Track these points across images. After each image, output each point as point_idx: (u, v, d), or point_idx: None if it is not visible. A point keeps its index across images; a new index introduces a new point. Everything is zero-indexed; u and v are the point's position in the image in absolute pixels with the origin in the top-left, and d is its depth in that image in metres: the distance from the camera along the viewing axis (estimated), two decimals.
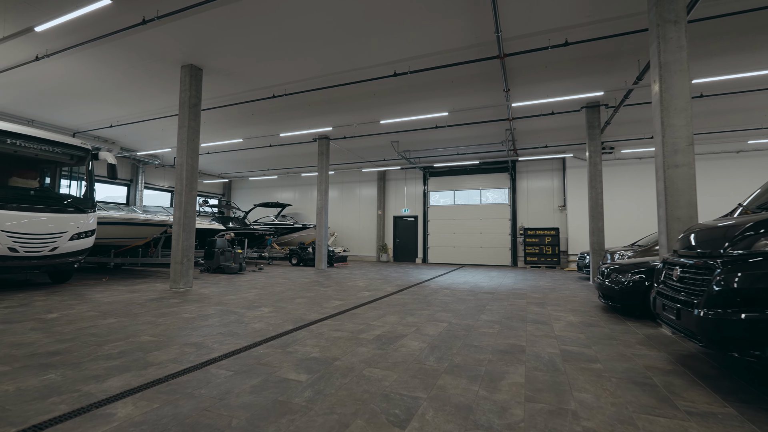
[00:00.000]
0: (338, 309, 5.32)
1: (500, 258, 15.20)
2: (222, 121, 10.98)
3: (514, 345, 3.61)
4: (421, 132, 11.66)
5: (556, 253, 13.79)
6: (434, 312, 5.21)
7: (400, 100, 9.20)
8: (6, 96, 9.20)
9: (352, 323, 4.44)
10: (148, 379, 2.62)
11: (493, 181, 15.69)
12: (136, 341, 3.54)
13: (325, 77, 7.94)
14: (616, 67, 7.33)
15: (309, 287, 7.60)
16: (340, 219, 18.31)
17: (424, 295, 6.84)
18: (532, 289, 7.94)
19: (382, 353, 3.29)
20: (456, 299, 6.37)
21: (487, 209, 15.63)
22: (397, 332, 4.04)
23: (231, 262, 10.34)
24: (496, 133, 11.81)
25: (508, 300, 6.38)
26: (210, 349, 3.34)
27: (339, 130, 11.60)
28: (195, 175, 7.44)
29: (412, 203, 17.05)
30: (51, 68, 7.68)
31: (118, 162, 15.43)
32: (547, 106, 9.30)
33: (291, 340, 3.66)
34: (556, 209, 14.53)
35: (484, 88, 8.37)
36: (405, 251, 17.03)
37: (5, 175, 7.46)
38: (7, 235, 6.20)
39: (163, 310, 5.00)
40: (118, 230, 9.30)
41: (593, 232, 9.10)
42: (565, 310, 5.47)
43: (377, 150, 14.12)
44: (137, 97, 9.22)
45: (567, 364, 3.07)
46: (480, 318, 4.84)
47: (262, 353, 3.24)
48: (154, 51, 6.91)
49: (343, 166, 17.24)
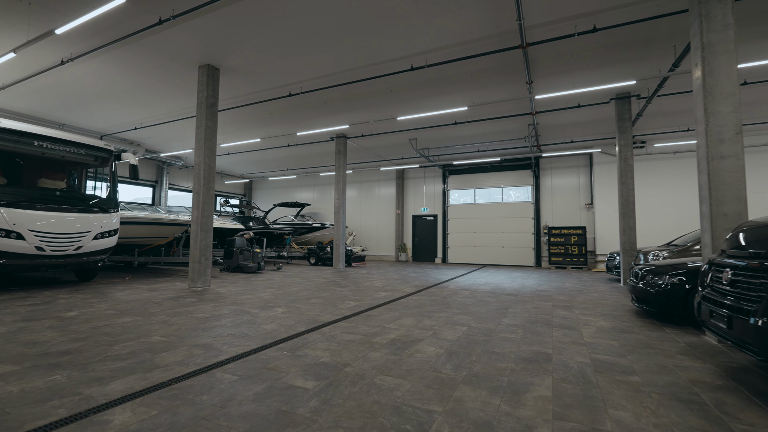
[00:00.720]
0: (353, 310, 5.17)
1: (523, 258, 14.69)
2: (240, 122, 11.07)
3: (540, 352, 3.33)
4: (440, 129, 11.38)
5: (583, 253, 13.19)
6: (453, 315, 4.97)
7: (417, 96, 8.97)
8: (37, 101, 9.56)
9: (367, 325, 4.27)
10: (152, 382, 2.53)
11: (515, 178, 15.19)
12: (147, 341, 3.48)
13: (341, 74, 7.81)
14: (649, 53, 6.85)
15: (325, 287, 7.49)
16: (359, 218, 18.22)
17: (442, 296, 6.59)
18: (557, 290, 7.54)
19: (395, 359, 3.09)
20: (476, 301, 6.10)
21: (509, 208, 15.15)
22: (412, 336, 3.83)
23: (250, 262, 10.39)
24: (518, 129, 11.38)
25: (531, 302, 6.05)
26: (218, 351, 3.24)
27: (356, 128, 11.47)
28: (212, 175, 7.47)
29: (431, 202, 16.76)
30: (76, 72, 7.89)
31: (143, 164, 15.94)
32: (573, 98, 8.84)
33: (302, 343, 3.51)
34: (583, 207, 13.91)
35: (505, 81, 8.03)
36: (424, 251, 16.76)
37: (33, 176, 7.73)
38: (34, 235, 6.38)
39: (178, 310, 4.98)
40: (141, 230, 9.50)
41: (624, 231, 8.57)
42: (595, 314, 5.11)
43: (395, 148, 13.92)
44: (158, 99, 9.38)
45: (599, 375, 2.79)
46: (502, 322, 4.57)
47: (271, 356, 3.11)
48: (171, 52, 6.97)
49: (361, 165, 17.13)
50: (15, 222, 6.17)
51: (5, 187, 6.43)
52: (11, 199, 6.22)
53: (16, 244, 6.18)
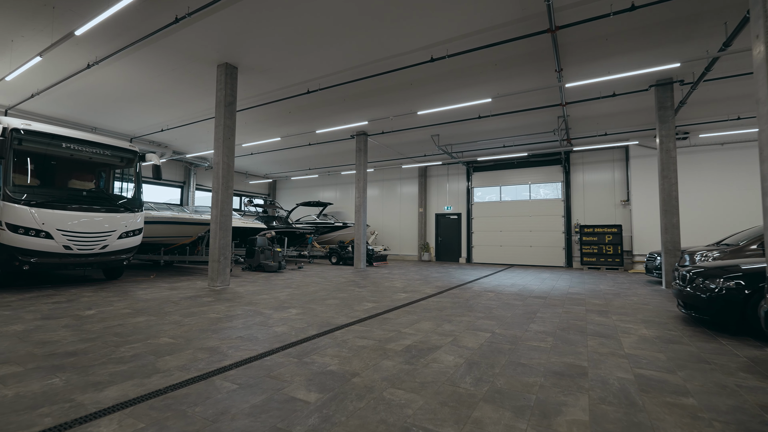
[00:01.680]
0: (369, 312, 4.93)
1: (553, 258, 13.98)
2: (262, 121, 11.09)
3: (573, 365, 2.96)
4: (463, 123, 10.96)
5: (618, 253, 12.36)
6: (475, 319, 4.63)
7: (438, 89, 8.62)
8: (70, 105, 9.94)
9: (382, 330, 4.02)
10: (148, 389, 2.38)
11: (543, 174, 14.49)
12: (154, 343, 3.38)
13: (359, 68, 7.59)
14: (695, 32, 6.20)
15: (344, 287, 7.30)
16: (381, 217, 18.00)
17: (465, 298, 6.24)
18: (591, 293, 7.00)
19: (409, 369, 2.82)
20: (501, 304, 5.71)
21: (538, 205, 14.46)
22: (430, 342, 3.54)
23: (270, 261, 10.39)
24: (546, 122, 10.78)
25: (563, 306, 5.60)
26: (223, 355, 3.09)
27: (377, 125, 11.25)
28: (231, 174, 7.45)
29: (454, 200, 16.29)
30: (102, 76, 8.10)
31: (171, 165, 16.41)
32: (607, 86, 8.21)
33: (311, 348, 3.31)
34: (618, 204, 13.05)
35: (532, 70, 7.55)
36: (448, 250, 16.32)
37: (60, 177, 7.98)
38: (62, 234, 6.56)
39: (193, 309, 4.92)
40: (166, 229, 9.68)
41: (666, 229, 7.88)
42: (636, 321, 4.62)
43: (417, 145, 13.59)
44: (181, 100, 9.52)
45: (646, 396, 2.40)
46: (529, 328, 4.19)
47: (276, 363, 2.91)
48: (190, 51, 6.98)
49: (383, 164, 16.91)
50: (44, 222, 6.35)
51: (35, 188, 6.65)
52: (40, 200, 6.42)
53: (45, 243, 6.36)
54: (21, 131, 6.54)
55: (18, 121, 6.57)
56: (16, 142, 6.50)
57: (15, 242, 6.14)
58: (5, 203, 6.16)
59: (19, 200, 6.22)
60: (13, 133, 6.43)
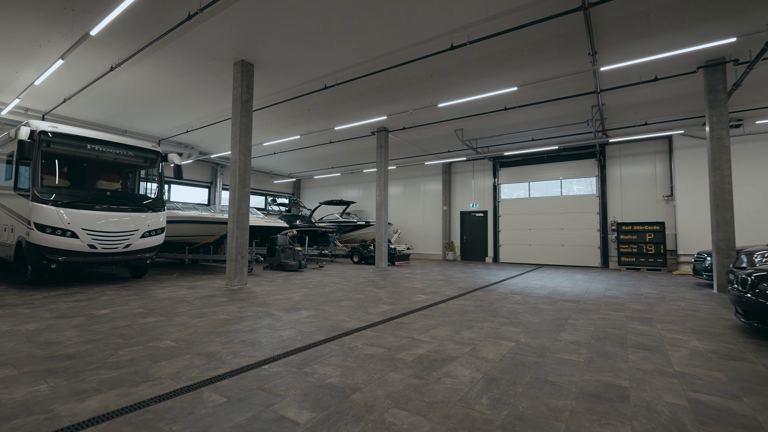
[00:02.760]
0: (384, 316, 4.64)
1: (587, 258, 13.13)
2: (283, 119, 11.05)
3: (611, 385, 2.54)
4: (488, 116, 10.43)
5: (661, 252, 11.40)
6: (498, 325, 4.23)
7: (459, 80, 8.19)
8: (100, 109, 10.29)
9: (394, 336, 3.71)
10: (131, 400, 2.20)
11: (576, 169, 13.63)
12: (155, 346, 3.25)
13: (376, 60, 7.30)
14: (753, 3, 5.45)
15: (361, 288, 7.05)
16: (404, 215, 17.66)
17: (489, 301, 5.82)
18: (631, 297, 6.37)
19: (418, 385, 2.50)
20: (529, 308, 5.25)
21: (570, 202, 13.63)
22: (445, 352, 3.20)
23: (291, 260, 10.33)
24: (579, 112, 10.06)
25: (598, 312, 5.07)
26: (220, 362, 2.89)
27: (397, 121, 10.93)
28: (248, 172, 7.38)
29: (480, 197, 15.69)
30: (126, 79, 8.26)
31: (199, 166, 16.81)
32: (648, 69, 7.48)
33: (314, 356, 3.06)
34: (660, 200, 12.05)
35: (562, 55, 6.97)
36: (473, 249, 15.75)
37: (85, 178, 8.20)
38: (87, 233, 6.70)
39: (204, 310, 4.82)
40: (189, 228, 9.82)
41: (718, 226, 7.07)
42: (685, 331, 4.06)
43: (440, 141, 13.14)
44: (202, 101, 9.60)
45: (706, 430, 1.96)
46: (559, 337, 3.75)
47: (273, 373, 2.68)
48: (207, 49, 6.95)
49: (405, 161, 16.57)
50: (70, 221, 6.50)
51: (61, 189, 6.83)
52: (66, 200, 6.57)
53: (70, 242, 6.51)
54: (48, 134, 6.73)
55: (45, 123, 6.77)
56: (44, 144, 6.70)
57: (43, 241, 6.32)
58: (34, 204, 6.35)
59: (46, 201, 6.40)
60: (41, 135, 6.63)
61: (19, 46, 6.84)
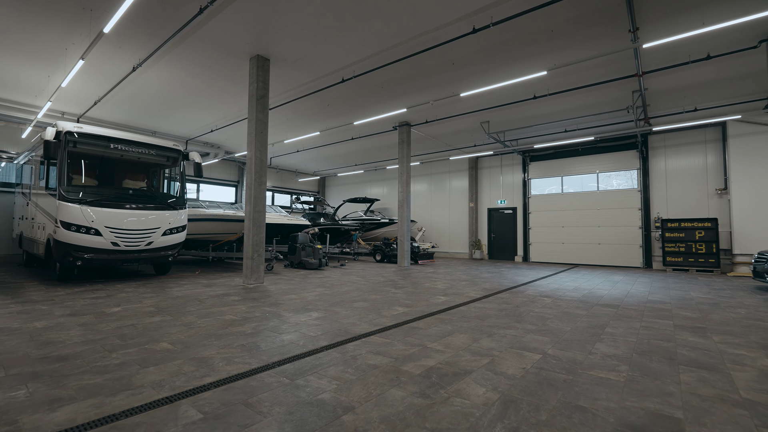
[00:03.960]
0: (397, 320, 4.31)
1: (627, 257, 12.14)
2: (302, 116, 10.94)
3: (660, 415, 2.08)
4: (516, 107, 9.80)
5: (713, 252, 10.31)
6: (523, 333, 3.78)
7: (482, 68, 7.67)
8: (128, 110, 10.59)
9: (404, 343, 3.37)
10: (102, 413, 2.01)
11: (615, 161, 12.64)
12: (150, 349, 3.10)
13: (394, 49, 6.95)
14: None
15: (379, 288, 6.75)
16: (429, 213, 17.19)
17: (515, 304, 5.34)
18: (679, 302, 5.67)
19: (421, 405, 2.16)
20: (560, 314, 4.74)
21: (608, 197, 12.67)
22: (459, 364, 2.83)
23: (311, 258, 10.20)
24: (617, 98, 9.23)
25: (641, 319, 4.48)
26: (211, 369, 2.68)
27: (418, 114, 10.52)
28: (264, 169, 7.26)
29: (509, 193, 14.96)
30: (149, 79, 8.39)
31: (225, 165, 17.13)
32: (699, 45, 6.66)
33: (311, 365, 2.78)
34: (712, 194, 10.90)
35: (597, 34, 6.32)
36: (502, 248, 15.05)
37: (108, 177, 8.40)
38: (110, 231, 6.82)
39: (213, 309, 4.69)
40: (211, 226, 9.91)
41: None
42: (749, 345, 3.45)
43: (465, 134, 12.58)
44: (222, 99, 9.63)
45: None
46: (595, 349, 3.27)
47: (262, 384, 2.42)
48: (221, 45, 6.87)
49: (429, 156, 16.09)
50: (93, 219, 6.63)
51: (86, 188, 6.99)
52: (90, 199, 6.70)
53: (94, 239, 6.64)
54: (74, 134, 6.90)
55: (70, 124, 6.94)
56: (70, 144, 6.87)
57: (68, 239, 6.47)
58: (60, 202, 6.52)
59: (71, 199, 6.55)
60: (67, 135, 6.80)
61: (46, 50, 7.05)
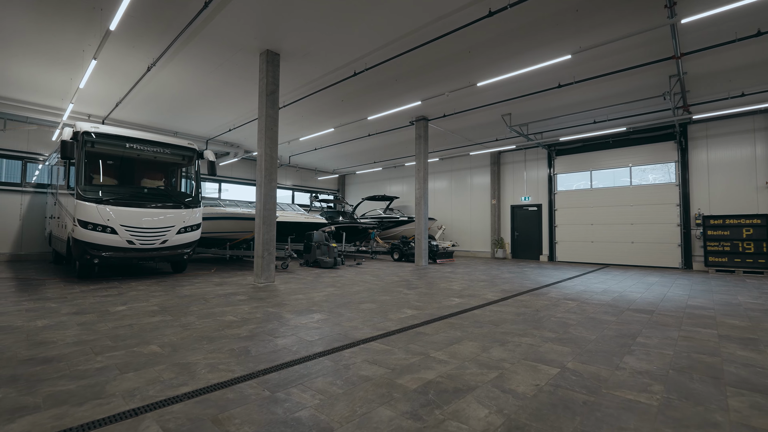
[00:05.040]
0: (403, 323, 4.01)
1: (663, 257, 11.26)
2: (317, 113, 10.79)
3: None
4: (539, 97, 9.23)
5: (763, 251, 9.35)
6: (541, 341, 3.40)
7: (501, 55, 7.21)
8: (149, 111, 10.80)
9: (405, 351, 3.08)
10: (59, 426, 1.85)
11: (649, 154, 11.75)
12: (137, 352, 2.96)
13: (406, 38, 6.63)
14: None
15: (391, 288, 6.47)
16: (449, 210, 16.72)
17: (535, 308, 4.92)
18: (724, 308, 5.06)
19: (411, 429, 1.86)
20: (585, 319, 4.29)
21: (642, 192, 11.80)
22: (462, 378, 2.51)
23: (326, 257, 10.05)
24: (653, 85, 8.50)
25: (679, 327, 3.98)
26: (191, 377, 2.49)
27: (435, 107, 10.13)
28: (274, 166, 7.13)
29: (533, 189, 14.28)
30: (165, 79, 8.46)
31: (247, 164, 17.32)
32: (747, 20, 5.94)
33: (298, 375, 2.54)
34: (762, 187, 9.90)
35: (626, 12, 5.75)
36: (526, 247, 14.40)
37: (124, 176, 8.52)
38: (125, 230, 6.90)
39: (215, 309, 4.56)
40: (228, 224, 9.94)
41: None
42: None
43: (486, 128, 12.06)
44: (235, 97, 9.60)
45: None
46: (623, 363, 2.85)
47: (239, 397, 2.20)
48: (230, 41, 6.78)
49: (450, 152, 15.62)
50: (109, 218, 6.72)
51: (102, 187, 7.09)
52: (106, 198, 6.80)
53: (110, 238, 6.73)
54: (91, 134, 7.03)
55: (87, 124, 7.07)
56: (88, 144, 7.00)
57: (85, 237, 6.58)
58: (77, 201, 6.64)
59: (87, 198, 6.66)
60: (84, 135, 6.93)
61: (65, 52, 7.20)
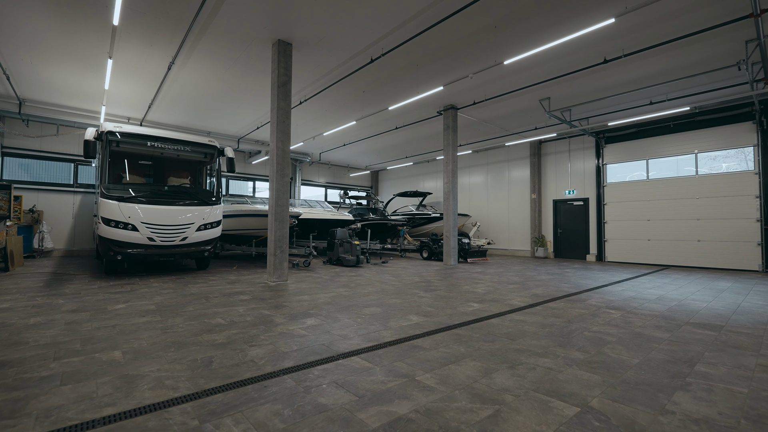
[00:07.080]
0: (402, 333, 3.49)
1: (738, 258, 9.63)
2: (340, 107, 10.47)
3: None
4: (582, 77, 8.18)
5: None
6: (563, 365, 2.72)
7: (533, 28, 6.37)
8: (179, 112, 11.09)
9: (387, 371, 2.57)
10: None
11: (720, 138, 10.10)
12: (96, 358, 2.73)
13: (423, 15, 6.03)
14: None
15: (407, 290, 5.95)
16: (485, 206, 15.74)
17: (566, 318, 4.16)
18: None
19: None
20: (628, 336, 3.50)
21: (711, 182, 10.19)
22: (442, 417, 1.96)
23: (349, 255, 9.71)
24: (723, 53, 7.16)
25: (757, 352, 3.08)
26: (126, 394, 2.17)
27: (466, 95, 9.38)
28: (287, 160, 6.87)
29: (579, 182, 12.95)
30: (187, 77, 8.53)
31: None
32: None
33: (245, 399, 2.13)
34: None
35: None
36: (571, 245, 13.12)
37: (146, 174, 8.69)
38: (146, 227, 6.98)
39: (209, 311, 4.33)
40: (252, 221, 9.91)
41: None
42: None
43: (522, 115, 11.06)
44: (257, 92, 9.51)
45: None
46: (671, 404, 2.13)
47: (160, 427, 1.83)
48: (241, 32, 6.59)
49: (483, 144, 14.66)
50: (130, 215, 6.83)
51: (124, 185, 7.24)
52: (127, 195, 6.91)
53: (132, 235, 6.84)
54: (116, 134, 7.19)
55: (111, 124, 7.24)
56: (112, 144, 7.18)
57: (109, 234, 6.74)
58: (101, 199, 6.82)
59: (109, 196, 6.82)
60: (107, 135, 7.10)
61: (91, 57, 7.44)
